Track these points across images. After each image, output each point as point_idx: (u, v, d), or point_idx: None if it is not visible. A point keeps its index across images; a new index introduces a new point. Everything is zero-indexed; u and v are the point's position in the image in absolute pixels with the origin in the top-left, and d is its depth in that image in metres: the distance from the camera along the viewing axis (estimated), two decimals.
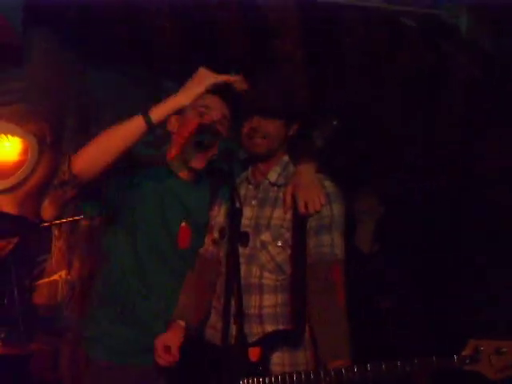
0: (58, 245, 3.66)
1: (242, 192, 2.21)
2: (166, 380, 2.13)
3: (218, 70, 2.05)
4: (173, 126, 2.31)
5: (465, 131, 3.60)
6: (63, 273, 3.59)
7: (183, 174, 2.33)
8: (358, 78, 3.50)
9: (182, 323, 2.14)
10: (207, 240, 2.32)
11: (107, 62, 3.87)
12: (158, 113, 1.96)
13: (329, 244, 2.09)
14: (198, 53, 3.52)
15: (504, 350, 1.84)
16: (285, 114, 2.15)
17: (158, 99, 2.21)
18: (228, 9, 3.25)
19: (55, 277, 3.57)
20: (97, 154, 2.02)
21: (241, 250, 2.05)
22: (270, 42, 3.39)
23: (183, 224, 2.31)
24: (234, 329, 1.88)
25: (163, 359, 2.05)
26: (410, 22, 3.10)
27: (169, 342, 2.08)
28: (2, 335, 2.80)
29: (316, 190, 2.09)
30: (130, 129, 1.95)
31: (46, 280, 3.58)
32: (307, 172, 2.15)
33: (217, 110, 2.24)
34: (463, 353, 1.89)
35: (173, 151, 2.34)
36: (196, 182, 2.36)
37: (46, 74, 3.83)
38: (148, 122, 1.93)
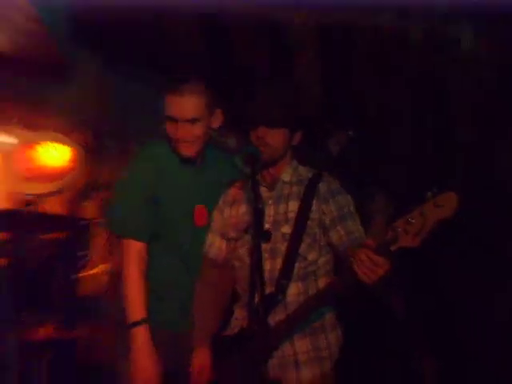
0: (97, 241, 3.95)
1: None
2: None
3: (234, 80, 2.35)
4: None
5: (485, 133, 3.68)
6: (103, 266, 3.88)
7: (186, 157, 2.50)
8: (370, 88, 3.66)
9: (207, 348, 2.28)
10: (217, 242, 2.44)
11: (141, 76, 4.11)
12: None
13: (356, 229, 2.23)
14: (215, 63, 3.77)
15: (412, 220, 1.90)
16: (286, 123, 2.25)
17: None
18: (245, 22, 3.52)
19: (96, 270, 3.87)
20: None
21: (263, 245, 2.14)
22: (281, 54, 3.61)
23: (198, 205, 2.50)
24: (258, 319, 2.01)
25: (200, 378, 2.25)
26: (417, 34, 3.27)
27: (201, 363, 2.26)
28: (53, 322, 3.16)
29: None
30: None
31: (89, 273, 3.88)
32: None
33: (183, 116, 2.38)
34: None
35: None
36: (202, 165, 2.52)
37: (88, 88, 4.13)
38: None
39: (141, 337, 2.30)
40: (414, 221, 1.89)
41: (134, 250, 2.42)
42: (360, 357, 3.25)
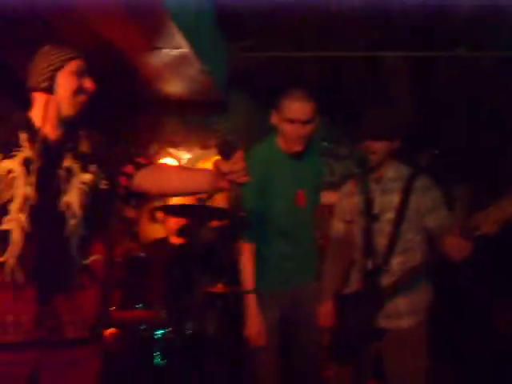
0: None
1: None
2: None
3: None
4: (274, 121, 2.66)
5: None
6: None
7: (289, 151, 2.68)
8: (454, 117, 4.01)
9: (331, 301, 2.62)
10: (337, 224, 2.75)
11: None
12: None
13: (446, 217, 2.49)
14: (332, 88, 4.25)
15: (492, 212, 2.10)
16: (387, 137, 2.51)
17: None
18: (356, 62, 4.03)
19: None
20: None
21: (372, 226, 2.51)
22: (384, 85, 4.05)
23: (299, 190, 2.73)
24: (370, 281, 2.38)
25: (325, 323, 2.61)
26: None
27: (326, 312, 2.61)
28: (221, 282, 3.77)
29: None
30: None
31: None
32: None
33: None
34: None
35: (280, 138, 2.69)
36: (300, 156, 2.69)
37: (242, 116, 4.80)
38: None
39: (253, 301, 2.58)
40: (493, 212, 2.10)
41: (247, 249, 2.65)
42: (446, 313, 3.50)
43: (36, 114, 1.96)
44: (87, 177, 1.95)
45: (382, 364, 2.54)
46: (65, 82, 1.94)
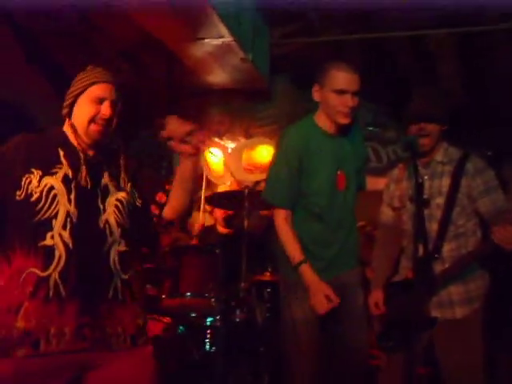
0: None
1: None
2: None
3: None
4: (316, 97, 2.62)
5: None
6: None
7: (330, 129, 2.62)
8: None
9: (381, 290, 2.58)
10: (386, 211, 2.70)
11: None
12: None
13: (499, 199, 2.44)
14: (384, 77, 4.23)
15: None
16: (439, 119, 2.49)
17: None
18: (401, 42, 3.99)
19: None
20: None
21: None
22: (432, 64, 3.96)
23: (339, 171, 2.64)
24: (420, 269, 2.29)
25: (375, 312, 2.57)
26: None
27: (377, 301, 2.57)
28: (269, 269, 3.81)
29: None
30: None
31: None
32: None
33: None
34: None
35: (322, 115, 2.62)
36: (341, 136, 2.63)
37: (286, 104, 4.84)
38: None
39: (308, 271, 2.50)
40: None
41: (281, 215, 2.61)
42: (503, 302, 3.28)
43: (69, 132, 2.02)
44: (122, 195, 2.01)
45: (434, 352, 2.50)
46: (81, 109, 1.98)
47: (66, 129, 2.03)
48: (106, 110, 1.95)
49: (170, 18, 3.37)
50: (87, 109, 1.96)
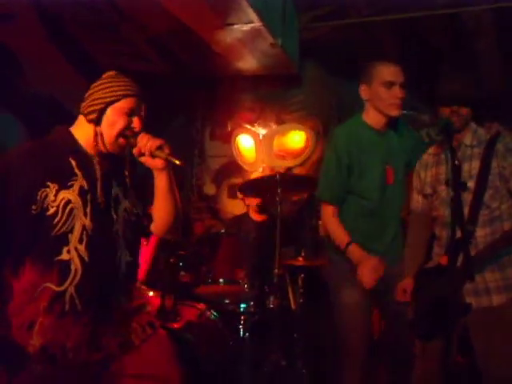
0: None
1: (443, 156, 2.48)
2: None
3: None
4: (365, 95, 2.73)
5: None
6: None
7: (379, 126, 2.71)
8: None
9: (412, 277, 2.53)
10: (417, 198, 2.63)
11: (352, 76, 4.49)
12: None
13: None
14: (409, 51, 4.18)
15: None
16: (472, 102, 2.42)
17: None
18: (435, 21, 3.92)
19: None
20: None
21: (449, 197, 2.38)
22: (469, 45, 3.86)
23: (387, 166, 2.72)
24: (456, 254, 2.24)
25: (402, 298, 2.54)
26: None
27: (405, 288, 2.54)
28: (303, 254, 3.77)
29: None
30: None
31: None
32: None
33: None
34: None
35: (369, 110, 2.73)
36: (388, 132, 2.71)
37: (316, 89, 4.81)
38: None
39: (356, 249, 2.62)
40: None
41: (329, 210, 2.75)
42: None
43: (82, 139, 2.00)
44: (128, 204, 2.04)
45: (469, 341, 2.44)
46: (111, 119, 1.96)
47: (76, 132, 2.01)
48: (137, 124, 1.97)
49: (199, 4, 3.37)
50: (119, 121, 1.96)
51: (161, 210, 2.08)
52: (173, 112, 4.92)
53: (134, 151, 1.98)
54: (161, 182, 2.03)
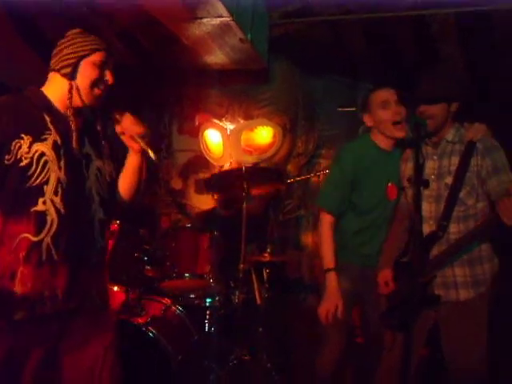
0: (297, 193, 4.76)
1: (424, 151, 2.56)
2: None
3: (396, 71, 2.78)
4: (369, 122, 2.85)
5: None
6: (301, 211, 4.63)
7: (385, 145, 2.82)
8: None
9: (390, 269, 2.62)
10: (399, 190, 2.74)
11: (320, 73, 4.65)
12: None
13: (508, 180, 2.35)
14: (384, 58, 4.29)
15: None
16: (441, 100, 2.43)
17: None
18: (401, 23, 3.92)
19: (296, 213, 4.66)
20: None
21: (427, 192, 2.46)
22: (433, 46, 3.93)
23: (390, 184, 2.81)
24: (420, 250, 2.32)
25: (385, 290, 2.63)
26: None
27: (386, 280, 2.62)
28: (269, 250, 3.83)
29: None
30: None
31: (291, 216, 4.64)
32: None
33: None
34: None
35: (376, 133, 2.84)
36: (393, 151, 2.81)
37: (284, 85, 4.78)
38: None
39: (333, 278, 2.70)
40: None
41: (328, 219, 2.82)
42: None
43: (55, 96, 2.03)
44: (101, 164, 2.09)
45: (438, 334, 2.51)
46: (86, 72, 2.01)
47: (48, 90, 2.05)
48: (110, 76, 2.05)
49: None
50: (93, 72, 2.01)
51: (126, 183, 2.22)
52: (140, 106, 4.87)
53: (117, 129, 2.10)
54: (133, 161, 2.18)
